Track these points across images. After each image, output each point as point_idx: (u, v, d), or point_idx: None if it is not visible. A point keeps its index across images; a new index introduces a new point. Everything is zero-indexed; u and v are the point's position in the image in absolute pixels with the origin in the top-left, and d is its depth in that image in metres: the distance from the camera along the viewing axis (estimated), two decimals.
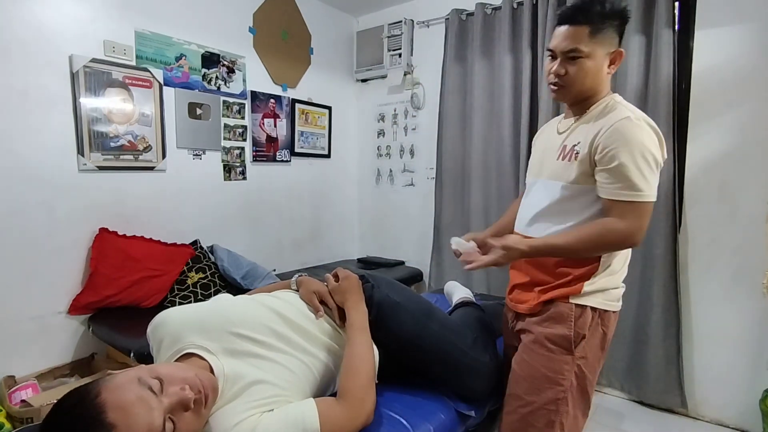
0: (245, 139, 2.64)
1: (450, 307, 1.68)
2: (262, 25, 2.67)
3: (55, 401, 0.75)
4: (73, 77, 1.91)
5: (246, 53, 2.60)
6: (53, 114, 1.87)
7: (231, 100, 2.54)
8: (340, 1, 3.07)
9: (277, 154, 2.84)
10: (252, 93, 2.64)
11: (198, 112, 2.38)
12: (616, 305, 1.15)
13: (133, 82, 2.09)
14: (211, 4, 2.42)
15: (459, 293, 1.76)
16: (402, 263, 3.13)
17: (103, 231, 2.01)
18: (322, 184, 3.18)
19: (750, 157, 1.90)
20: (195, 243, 2.33)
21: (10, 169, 1.78)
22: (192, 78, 2.34)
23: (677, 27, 2.03)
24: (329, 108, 3.14)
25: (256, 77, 2.67)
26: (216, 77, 2.45)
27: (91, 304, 1.97)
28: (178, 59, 2.28)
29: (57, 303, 1.95)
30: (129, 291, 2.00)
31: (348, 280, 1.19)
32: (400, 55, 3.01)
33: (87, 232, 1.99)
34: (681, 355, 2.06)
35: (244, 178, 2.66)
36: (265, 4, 2.69)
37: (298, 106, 2.92)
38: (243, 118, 2.61)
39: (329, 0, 3.04)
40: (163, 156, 2.24)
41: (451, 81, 2.73)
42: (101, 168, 2.02)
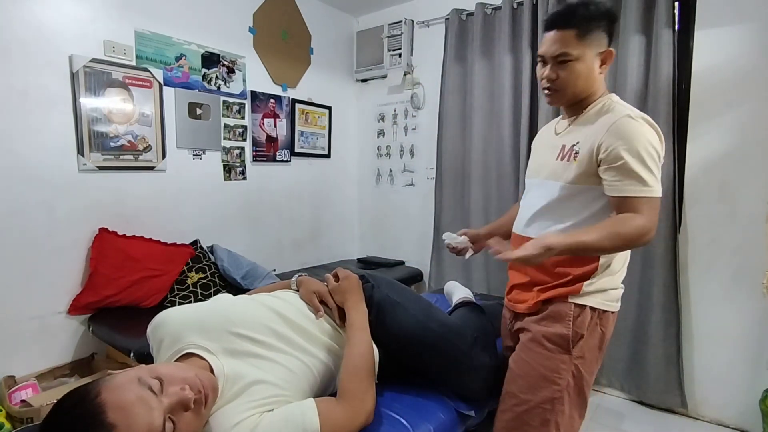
0: (245, 139, 2.64)
1: (450, 307, 1.68)
2: (262, 25, 2.68)
3: (55, 401, 0.75)
4: (73, 77, 1.91)
5: (246, 53, 2.60)
6: (53, 114, 1.87)
7: (231, 100, 2.54)
8: (340, 1, 3.07)
9: (277, 154, 2.84)
10: (252, 93, 2.64)
11: (198, 112, 2.38)
12: (614, 306, 1.16)
13: (133, 82, 2.09)
14: (211, 4, 2.42)
15: (459, 293, 1.76)
16: (402, 263, 3.13)
17: (103, 231, 2.01)
18: (322, 184, 3.18)
19: (750, 157, 1.90)
20: (195, 243, 2.33)
21: (10, 169, 1.78)
22: (192, 78, 2.34)
23: (677, 27, 2.03)
24: (329, 108, 3.14)
25: (256, 77, 2.67)
26: (216, 77, 2.45)
27: (91, 304, 1.97)
28: (178, 59, 2.28)
29: (57, 303, 1.95)
30: (129, 291, 2.00)
31: (348, 280, 1.20)
32: (400, 55, 3.01)
33: (87, 232, 1.99)
34: (681, 355, 2.06)
35: (244, 178, 2.66)
36: (265, 4, 2.69)
37: (298, 106, 2.92)
38: (243, 118, 2.61)
39: (329, 0, 3.04)
40: (163, 156, 2.24)
41: (451, 81, 2.73)
42: (101, 168, 2.02)
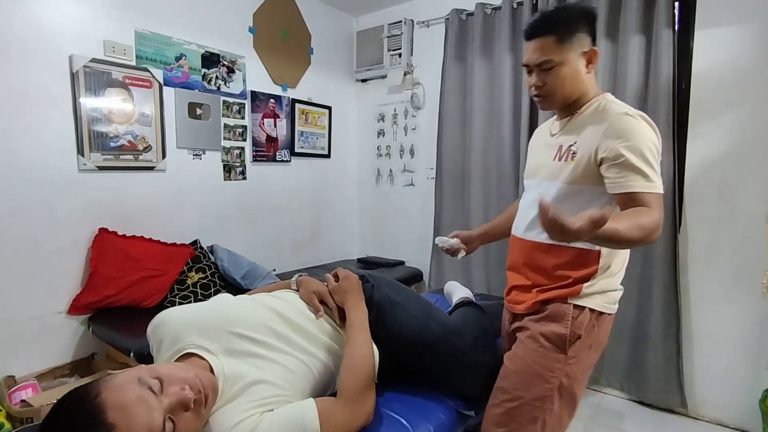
0: (245, 139, 2.64)
1: (450, 307, 1.68)
2: (262, 25, 2.68)
3: (55, 401, 0.75)
4: (73, 77, 1.91)
5: (246, 53, 2.60)
6: (53, 114, 1.87)
7: (231, 100, 2.54)
8: (340, 1, 3.07)
9: (277, 154, 2.84)
10: (252, 93, 2.64)
11: (198, 112, 2.38)
12: (612, 308, 1.15)
13: (133, 82, 2.09)
14: (211, 4, 2.42)
15: (459, 293, 1.75)
16: (402, 263, 3.13)
17: (103, 231, 2.01)
18: (322, 184, 3.18)
19: (750, 157, 1.90)
20: (195, 243, 2.33)
21: (10, 169, 1.78)
22: (192, 78, 2.34)
23: (677, 27, 2.04)
24: (329, 108, 3.14)
25: (256, 77, 2.67)
26: (216, 77, 2.45)
27: (91, 304, 1.97)
28: (178, 59, 2.28)
29: (57, 303, 1.95)
30: (129, 291, 2.00)
31: (348, 280, 1.19)
32: (400, 55, 3.01)
33: (87, 232, 1.99)
34: (681, 355, 2.06)
35: (244, 178, 2.66)
36: (265, 4, 2.69)
37: (298, 106, 2.92)
38: (243, 118, 2.61)
39: (329, 0, 3.05)
40: (163, 156, 2.24)
41: (451, 81, 2.73)
42: (101, 168, 2.02)
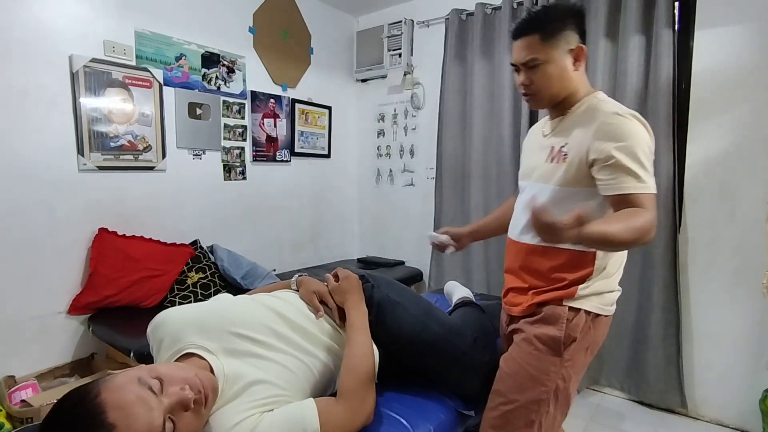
0: (245, 139, 2.64)
1: (450, 307, 1.68)
2: (262, 25, 2.67)
3: (55, 401, 0.75)
4: (73, 77, 1.91)
5: (246, 53, 2.60)
6: (53, 114, 1.87)
7: (231, 100, 2.54)
8: (340, 1, 3.07)
9: (277, 154, 2.84)
10: (252, 93, 2.64)
11: (198, 112, 2.38)
12: (609, 309, 1.15)
13: (133, 82, 2.09)
14: (211, 4, 2.42)
15: (459, 293, 1.75)
16: (402, 263, 3.13)
17: (103, 231, 2.01)
18: (322, 184, 3.18)
19: (750, 157, 1.90)
20: (195, 243, 2.33)
21: (10, 169, 1.78)
22: (192, 78, 2.34)
23: (677, 27, 2.04)
24: (329, 108, 3.14)
25: (256, 77, 2.67)
26: (216, 77, 2.45)
27: (91, 304, 1.97)
28: (178, 59, 2.28)
29: (57, 303, 1.95)
30: (129, 291, 2.00)
31: (348, 280, 1.19)
32: (400, 55, 3.01)
33: (87, 232, 1.99)
34: (681, 355, 2.06)
35: (244, 178, 2.66)
36: (265, 4, 2.69)
37: (298, 106, 2.92)
38: (243, 118, 2.61)
39: (329, 0, 3.05)
40: (163, 156, 2.24)
41: (451, 81, 2.73)
42: (101, 168, 2.02)
